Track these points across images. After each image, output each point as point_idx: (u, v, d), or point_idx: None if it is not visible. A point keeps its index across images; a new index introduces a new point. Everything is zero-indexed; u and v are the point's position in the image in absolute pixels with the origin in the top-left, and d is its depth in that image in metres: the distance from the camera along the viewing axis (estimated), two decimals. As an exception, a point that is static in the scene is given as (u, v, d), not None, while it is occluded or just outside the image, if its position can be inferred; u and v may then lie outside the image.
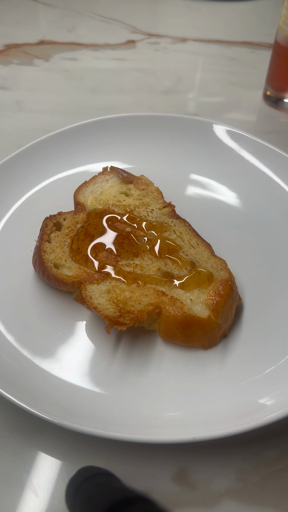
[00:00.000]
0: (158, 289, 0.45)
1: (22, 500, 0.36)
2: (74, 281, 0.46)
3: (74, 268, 0.48)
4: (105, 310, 0.43)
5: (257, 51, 0.95)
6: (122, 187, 0.57)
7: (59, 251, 0.49)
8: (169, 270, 0.48)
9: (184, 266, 0.48)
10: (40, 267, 0.48)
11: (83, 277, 0.46)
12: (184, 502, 0.36)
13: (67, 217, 0.52)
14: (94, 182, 0.57)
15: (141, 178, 0.57)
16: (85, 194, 0.56)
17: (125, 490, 0.29)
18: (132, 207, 0.54)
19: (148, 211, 0.53)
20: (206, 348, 0.44)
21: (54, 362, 0.43)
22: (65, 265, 0.48)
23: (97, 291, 0.45)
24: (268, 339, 0.45)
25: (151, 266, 0.48)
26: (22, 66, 0.90)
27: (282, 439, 0.40)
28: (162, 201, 0.55)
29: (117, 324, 0.42)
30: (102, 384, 0.42)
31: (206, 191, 0.61)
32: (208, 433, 0.36)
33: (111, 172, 0.58)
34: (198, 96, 0.83)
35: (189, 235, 0.51)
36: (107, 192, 0.56)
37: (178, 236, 0.51)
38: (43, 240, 0.49)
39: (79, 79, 0.87)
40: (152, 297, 0.45)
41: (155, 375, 0.42)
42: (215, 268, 0.48)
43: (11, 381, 0.40)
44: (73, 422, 0.36)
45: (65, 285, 0.47)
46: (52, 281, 0.47)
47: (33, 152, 0.61)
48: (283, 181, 0.59)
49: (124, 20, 1.07)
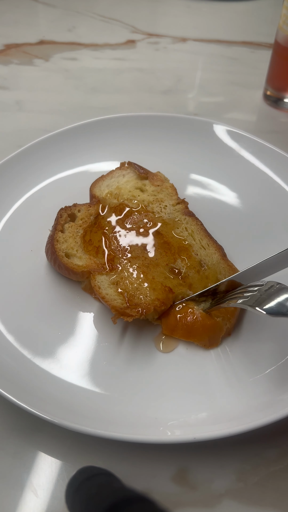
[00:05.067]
0: (166, 285, 0.46)
1: (22, 500, 0.36)
2: (84, 271, 0.47)
3: (84, 258, 0.49)
4: (113, 301, 0.44)
5: (257, 51, 0.95)
6: (138, 182, 0.58)
7: (71, 241, 0.50)
8: (177, 267, 0.48)
9: (193, 265, 0.48)
10: (52, 256, 0.49)
11: (93, 268, 0.47)
12: (184, 502, 0.36)
13: (82, 208, 0.54)
14: (111, 177, 0.58)
15: (157, 174, 0.58)
16: (101, 188, 0.57)
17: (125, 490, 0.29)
18: (146, 202, 0.55)
19: (161, 207, 0.54)
20: (208, 347, 0.44)
21: (54, 362, 0.43)
22: (76, 255, 0.49)
23: (105, 281, 0.46)
24: (268, 339, 0.45)
25: (160, 261, 0.48)
26: (22, 66, 0.90)
27: (282, 439, 0.40)
28: (176, 198, 0.55)
29: (123, 315, 0.42)
30: (102, 384, 0.42)
31: (206, 191, 0.61)
32: (208, 433, 0.36)
33: (128, 168, 0.59)
34: (198, 96, 0.83)
35: (200, 235, 0.52)
36: (122, 186, 0.57)
37: (190, 234, 0.51)
38: (57, 230, 0.51)
39: (79, 79, 0.87)
40: (160, 293, 0.45)
41: (155, 375, 0.42)
42: (223, 275, 0.48)
43: (11, 381, 0.40)
44: (73, 422, 0.36)
45: (74, 274, 0.48)
46: (62, 270, 0.48)
47: (33, 152, 0.61)
48: (283, 181, 0.59)
49: (124, 20, 1.07)
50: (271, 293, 0.37)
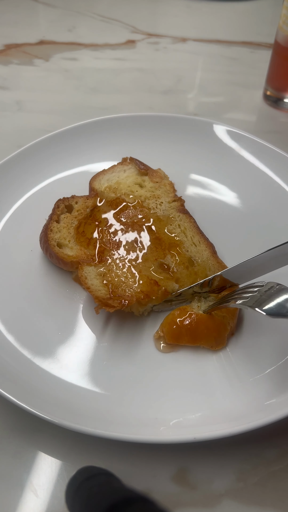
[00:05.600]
0: (152, 278, 0.46)
1: (22, 500, 0.36)
2: (73, 261, 0.48)
3: (75, 249, 0.50)
4: (97, 291, 0.45)
5: (257, 51, 0.95)
6: (138, 178, 0.58)
7: (65, 232, 0.51)
8: (166, 262, 0.49)
9: (182, 261, 0.49)
10: (45, 244, 0.50)
11: (82, 258, 0.48)
12: (184, 502, 0.36)
13: (79, 200, 0.55)
14: (112, 171, 0.59)
15: (157, 171, 0.59)
16: (101, 182, 0.58)
17: (125, 490, 0.29)
18: (143, 198, 0.55)
19: (157, 203, 0.55)
20: (215, 348, 0.44)
21: (54, 362, 0.43)
22: (68, 245, 0.50)
23: (92, 272, 0.47)
24: (268, 339, 0.45)
25: (150, 256, 0.49)
26: (22, 66, 0.90)
27: (282, 439, 0.40)
28: (173, 195, 0.56)
29: (106, 305, 0.43)
30: (102, 384, 0.42)
31: (206, 191, 0.61)
32: (208, 433, 0.36)
33: (130, 163, 0.60)
34: (198, 96, 0.83)
35: (192, 232, 0.52)
36: (122, 181, 0.57)
37: (182, 231, 0.52)
38: (52, 220, 0.52)
39: (79, 79, 0.87)
40: (145, 285, 0.46)
41: (155, 376, 0.42)
42: (212, 272, 0.48)
43: (11, 381, 0.40)
44: (73, 422, 0.36)
45: (64, 264, 0.49)
46: (53, 259, 0.49)
47: (33, 152, 0.61)
48: (283, 181, 0.59)
49: (124, 20, 1.07)
50: (271, 294, 0.37)
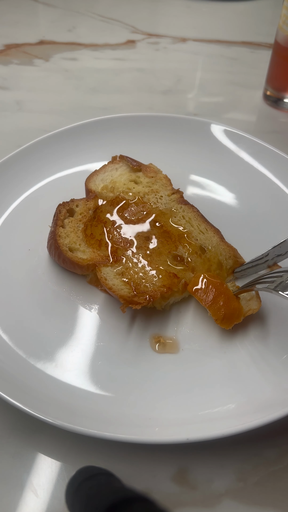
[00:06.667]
0: (170, 271, 0.47)
1: (22, 500, 0.36)
2: (89, 264, 0.48)
3: (88, 251, 0.50)
4: (120, 291, 0.45)
5: (257, 51, 0.95)
6: (131, 175, 0.58)
7: (73, 236, 0.51)
8: (180, 253, 0.50)
9: (194, 250, 0.50)
10: (56, 251, 0.50)
11: (97, 260, 0.48)
12: (184, 502, 0.36)
13: (80, 203, 0.54)
14: (104, 171, 0.59)
15: (150, 166, 0.59)
16: (96, 182, 0.58)
17: (125, 490, 0.29)
18: (142, 194, 0.56)
19: (157, 198, 0.55)
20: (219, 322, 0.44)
21: (52, 363, 0.43)
22: (79, 249, 0.50)
23: (111, 273, 0.47)
24: (268, 339, 0.45)
25: (163, 250, 0.50)
26: (22, 66, 0.90)
27: (282, 439, 0.40)
28: (171, 188, 0.56)
29: (131, 303, 0.44)
30: (102, 384, 0.42)
31: (205, 192, 0.61)
32: (208, 433, 0.36)
33: (120, 161, 0.60)
34: (198, 96, 0.83)
35: (198, 221, 0.53)
36: (117, 180, 0.58)
37: (188, 221, 0.53)
38: (58, 226, 0.51)
39: (79, 79, 0.87)
40: (165, 279, 0.47)
41: (155, 376, 0.42)
42: (224, 256, 0.50)
43: (10, 382, 0.40)
44: (74, 423, 0.36)
45: (80, 268, 0.49)
46: (67, 264, 0.49)
47: (32, 151, 0.61)
48: (282, 182, 0.59)
49: (124, 20, 1.07)
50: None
